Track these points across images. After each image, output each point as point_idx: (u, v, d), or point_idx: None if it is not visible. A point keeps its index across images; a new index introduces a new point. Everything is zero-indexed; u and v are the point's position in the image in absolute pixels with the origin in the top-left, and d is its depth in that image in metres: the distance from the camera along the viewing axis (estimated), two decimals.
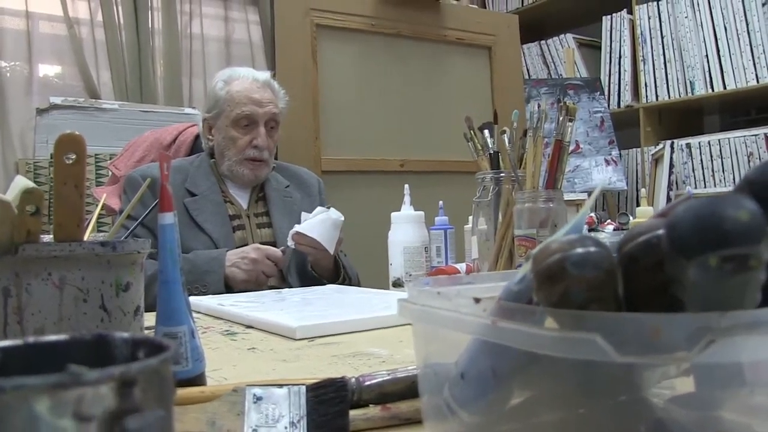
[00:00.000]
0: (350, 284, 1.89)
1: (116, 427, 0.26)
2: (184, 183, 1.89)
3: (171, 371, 0.29)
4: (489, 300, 0.41)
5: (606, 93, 3.85)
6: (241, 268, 1.70)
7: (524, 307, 0.40)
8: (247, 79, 1.96)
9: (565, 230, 0.40)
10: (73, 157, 0.64)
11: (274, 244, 1.89)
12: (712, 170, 3.44)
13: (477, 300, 0.42)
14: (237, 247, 1.82)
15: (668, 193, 3.41)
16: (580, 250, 0.35)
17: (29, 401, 0.24)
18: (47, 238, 0.67)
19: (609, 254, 0.36)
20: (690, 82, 3.51)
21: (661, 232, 0.37)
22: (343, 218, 1.76)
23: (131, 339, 0.34)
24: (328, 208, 1.78)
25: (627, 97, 3.81)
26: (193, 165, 1.98)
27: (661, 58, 3.64)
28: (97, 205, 1.56)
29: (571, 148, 1.53)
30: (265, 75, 2.01)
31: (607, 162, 3.66)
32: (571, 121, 1.30)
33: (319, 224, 1.72)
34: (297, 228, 1.73)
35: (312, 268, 1.84)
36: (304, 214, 1.77)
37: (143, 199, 1.80)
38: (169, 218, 0.62)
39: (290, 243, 1.75)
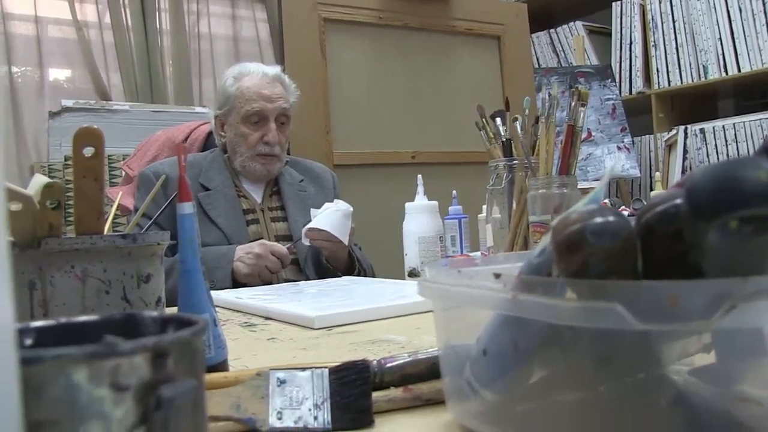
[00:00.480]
0: (365, 275, 1.90)
1: (151, 397, 0.26)
2: (198, 177, 1.91)
3: (201, 344, 0.30)
4: (509, 275, 0.42)
5: (617, 80, 3.83)
6: (245, 262, 1.72)
7: (544, 279, 0.40)
8: (257, 75, 1.96)
9: (584, 203, 0.40)
10: (92, 150, 0.65)
11: (289, 238, 1.91)
12: (727, 155, 3.41)
13: (497, 275, 0.42)
14: (251, 242, 1.83)
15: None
16: (599, 219, 0.36)
17: (68, 371, 0.25)
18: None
19: (628, 224, 0.37)
20: (703, 66, 3.49)
21: (678, 201, 0.37)
22: (351, 208, 1.77)
23: (160, 317, 0.34)
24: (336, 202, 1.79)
25: (638, 84, 3.79)
26: (206, 160, 1.99)
27: (673, 42, 3.62)
28: (112, 206, 1.57)
29: (583, 135, 1.53)
30: (275, 69, 2.01)
31: (620, 149, 3.65)
32: (583, 106, 1.30)
33: (330, 217, 1.73)
34: (309, 225, 1.74)
35: (327, 261, 1.85)
36: (313, 211, 1.78)
37: (156, 197, 1.82)
38: (188, 208, 0.63)
39: (304, 240, 1.76)
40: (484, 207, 1.62)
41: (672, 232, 0.37)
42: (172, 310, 0.67)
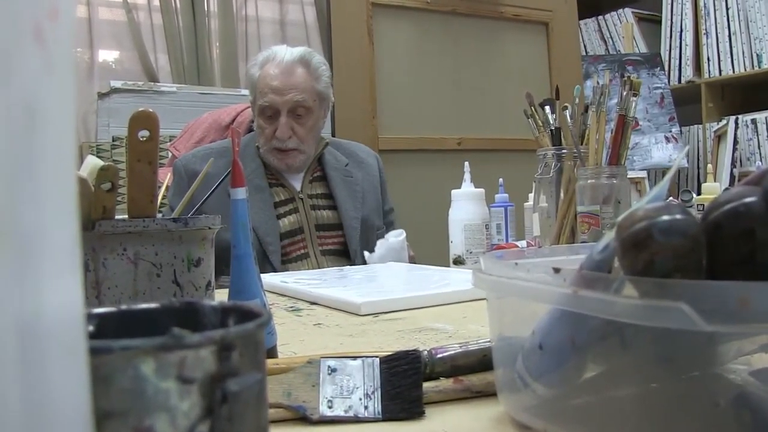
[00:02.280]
0: None
1: (217, 390, 0.26)
2: (229, 165, 1.87)
3: (264, 336, 0.30)
4: (569, 270, 0.41)
5: (666, 68, 3.76)
6: None
7: (606, 276, 0.39)
8: (274, 63, 1.86)
9: (648, 199, 0.40)
10: (147, 134, 0.65)
11: (337, 227, 1.86)
12: None
13: (557, 270, 0.42)
14: (285, 233, 1.80)
15: (731, 170, 3.33)
16: (667, 217, 0.35)
17: (136, 362, 0.25)
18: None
19: (695, 222, 0.36)
20: (757, 54, 3.41)
21: (749, 200, 0.36)
22: (404, 233, 1.74)
23: (220, 307, 0.34)
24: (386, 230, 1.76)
25: (688, 73, 3.72)
26: (241, 143, 1.91)
27: (726, 30, 3.54)
28: (160, 188, 1.59)
29: None
30: (296, 52, 1.89)
31: (668, 139, 3.59)
32: (635, 95, 1.28)
33: (389, 253, 1.70)
34: (369, 261, 1.71)
35: None
36: (368, 256, 1.73)
37: (180, 191, 1.80)
38: (241, 193, 0.63)
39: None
40: (531, 195, 1.60)
41: (741, 230, 0.36)
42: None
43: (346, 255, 1.86)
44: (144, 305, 0.35)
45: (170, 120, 2.99)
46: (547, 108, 1.46)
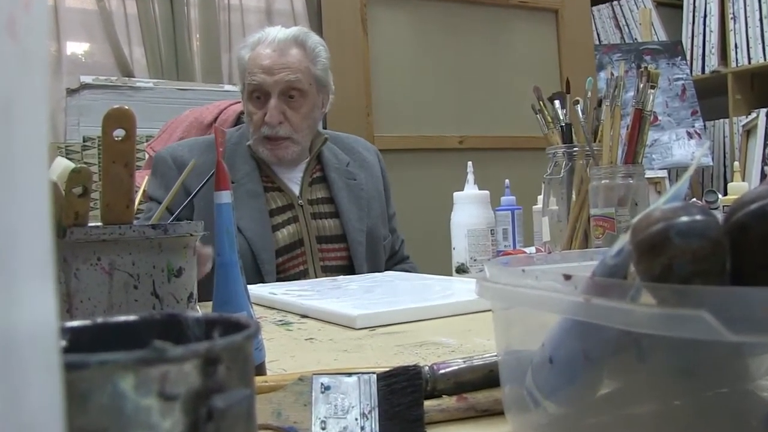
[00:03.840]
0: None
1: (201, 407, 0.27)
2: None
3: (252, 349, 0.30)
4: (580, 276, 0.42)
5: (688, 58, 3.77)
6: None
7: (620, 282, 0.40)
8: (266, 42, 1.80)
9: (666, 199, 0.40)
10: (123, 133, 0.65)
11: (340, 239, 1.82)
12: None
13: (567, 277, 0.42)
14: (283, 248, 1.75)
15: (762, 168, 3.33)
16: (685, 218, 0.35)
17: (114, 378, 0.25)
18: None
19: (717, 223, 0.36)
20: None
21: None
22: None
23: (204, 319, 0.35)
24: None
25: (713, 62, 3.72)
26: (230, 142, 1.85)
27: (756, 14, 3.53)
28: (137, 192, 1.58)
29: None
30: (291, 32, 1.83)
31: (690, 135, 3.60)
32: (653, 88, 1.29)
33: None
34: None
35: None
36: None
37: (167, 183, 1.73)
38: (225, 197, 0.64)
39: None
40: (540, 198, 1.61)
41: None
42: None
43: (351, 272, 1.80)
44: (122, 318, 0.36)
45: (147, 118, 2.99)
46: (557, 102, 1.47)
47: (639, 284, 0.37)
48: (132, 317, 0.36)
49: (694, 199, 2.83)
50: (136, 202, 1.04)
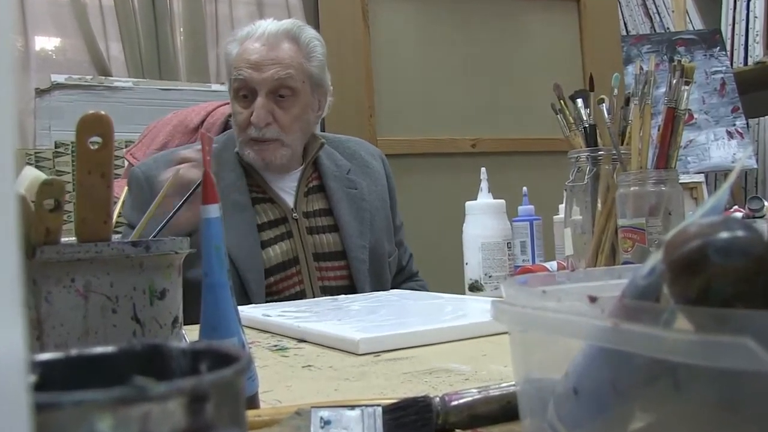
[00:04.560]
0: None
1: None
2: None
3: (244, 384, 0.30)
4: (607, 298, 0.41)
5: (728, 48, 3.75)
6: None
7: (653, 305, 0.40)
8: (255, 36, 1.80)
9: (703, 211, 0.40)
10: (99, 141, 0.65)
11: (343, 255, 1.81)
12: None
13: (593, 298, 0.42)
14: (275, 267, 1.74)
15: None
16: (725, 234, 0.35)
17: (90, 419, 0.25)
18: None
19: (761, 239, 0.36)
20: None
21: None
22: None
23: (191, 349, 0.34)
24: None
25: (757, 52, 3.69)
26: (217, 146, 1.83)
27: None
28: (116, 204, 1.58)
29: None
30: (283, 25, 1.83)
31: (730, 134, 3.59)
32: (687, 83, 1.29)
33: None
34: None
35: None
36: None
37: (140, 205, 1.70)
38: (213, 211, 0.64)
39: None
40: (562, 207, 1.61)
41: None
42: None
43: (352, 292, 1.79)
44: (99, 349, 0.35)
45: (126, 121, 2.99)
46: (580, 101, 1.47)
47: (674, 307, 0.37)
48: (110, 349, 0.35)
49: (736, 207, 2.83)
50: (115, 216, 1.04)
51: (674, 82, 1.30)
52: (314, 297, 1.75)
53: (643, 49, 3.69)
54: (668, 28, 3.94)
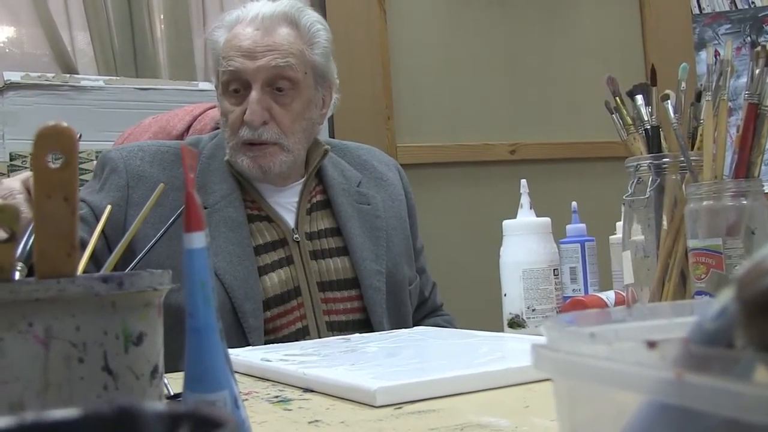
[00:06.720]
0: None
1: None
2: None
3: None
4: (669, 342, 0.41)
5: None
6: None
7: (725, 352, 0.39)
8: (246, 19, 1.79)
9: None
10: (61, 158, 0.65)
11: (354, 283, 1.80)
12: None
13: (651, 344, 0.42)
14: (279, 296, 1.73)
15: None
16: None
17: None
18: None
19: None
20: None
21: None
22: None
23: (168, 412, 0.35)
24: None
25: None
26: (204, 153, 1.84)
27: None
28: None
29: None
30: (278, 6, 1.81)
31: None
32: None
33: None
34: None
35: None
36: None
37: (112, 197, 1.68)
38: (198, 240, 0.63)
39: None
40: (619, 225, 1.60)
41: None
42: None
43: (367, 328, 1.78)
44: (59, 415, 0.36)
45: (96, 127, 3.00)
46: (640, 98, 1.47)
47: (751, 355, 0.37)
48: (73, 414, 0.36)
49: None
50: (94, 240, 1.04)
51: (757, 71, 1.29)
52: (319, 335, 1.73)
53: (720, 30, 3.65)
54: (753, 3, 3.88)
